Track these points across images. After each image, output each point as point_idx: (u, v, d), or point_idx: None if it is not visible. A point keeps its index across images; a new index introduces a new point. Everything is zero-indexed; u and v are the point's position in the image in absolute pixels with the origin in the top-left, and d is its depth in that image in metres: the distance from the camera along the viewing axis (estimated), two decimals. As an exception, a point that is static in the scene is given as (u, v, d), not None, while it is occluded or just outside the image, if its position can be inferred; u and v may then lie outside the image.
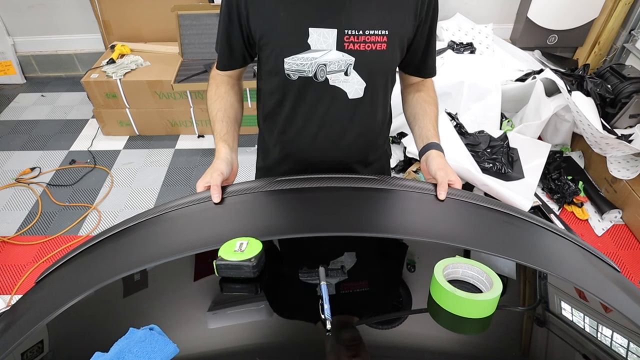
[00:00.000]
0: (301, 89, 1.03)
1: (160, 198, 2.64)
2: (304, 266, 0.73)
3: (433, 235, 0.84)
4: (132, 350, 0.55)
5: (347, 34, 0.95)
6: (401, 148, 2.77)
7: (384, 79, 1.06)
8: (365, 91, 1.04)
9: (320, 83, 1.01)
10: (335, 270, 0.70)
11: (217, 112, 1.09)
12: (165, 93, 2.91)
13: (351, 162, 1.18)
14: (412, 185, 1.00)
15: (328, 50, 0.96)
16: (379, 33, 0.96)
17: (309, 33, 0.95)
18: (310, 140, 1.12)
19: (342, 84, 1.02)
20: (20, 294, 2.10)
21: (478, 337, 0.64)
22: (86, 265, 0.85)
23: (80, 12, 3.45)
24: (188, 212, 0.92)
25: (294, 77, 1.01)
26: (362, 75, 1.01)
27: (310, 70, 0.99)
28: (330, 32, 0.95)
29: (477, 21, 3.40)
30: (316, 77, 1.00)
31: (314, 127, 1.09)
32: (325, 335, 0.59)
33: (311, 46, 0.96)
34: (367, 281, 0.74)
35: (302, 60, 0.98)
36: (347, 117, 1.08)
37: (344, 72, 1.00)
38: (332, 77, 1.00)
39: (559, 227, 0.96)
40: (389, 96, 1.14)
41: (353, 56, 0.98)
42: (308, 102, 1.05)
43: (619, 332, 0.65)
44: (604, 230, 2.41)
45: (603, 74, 2.64)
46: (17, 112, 3.43)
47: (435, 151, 1.07)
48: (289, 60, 0.98)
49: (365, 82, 1.02)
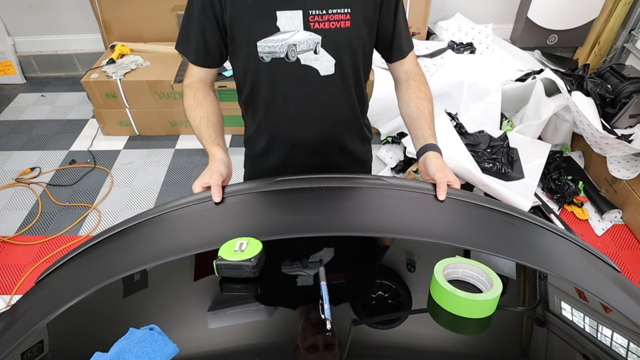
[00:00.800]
0: (275, 70, 1.08)
1: (160, 198, 2.64)
2: (286, 259, 0.74)
3: (433, 235, 0.84)
4: (132, 350, 0.55)
5: (312, 14, 1.01)
6: (401, 148, 2.77)
7: (353, 56, 1.10)
8: (336, 67, 1.09)
9: (292, 63, 1.06)
10: (314, 262, 0.71)
11: (200, 119, 1.11)
12: (165, 93, 2.91)
13: (334, 139, 1.23)
14: (412, 186, 1.00)
15: (296, 31, 1.02)
16: (342, 11, 1.02)
17: (276, 16, 1.01)
18: (291, 120, 1.17)
19: (312, 62, 1.07)
20: (20, 294, 2.10)
21: (478, 337, 0.64)
22: (86, 265, 0.85)
23: (80, 12, 3.45)
24: (188, 212, 0.92)
25: (267, 59, 1.06)
26: (331, 53, 1.07)
27: (282, 51, 1.04)
28: (296, 14, 1.01)
29: (477, 21, 3.40)
30: (287, 57, 1.05)
31: (292, 106, 1.14)
32: (325, 335, 0.59)
33: (280, 28, 1.02)
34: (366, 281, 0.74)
35: (273, 42, 1.04)
36: (322, 94, 1.13)
37: (313, 51, 1.06)
38: (303, 56, 1.06)
39: (559, 227, 0.96)
40: (361, 75, 1.18)
41: (320, 35, 1.04)
42: (283, 82, 1.10)
43: (619, 332, 0.65)
44: (604, 230, 2.41)
45: (603, 74, 2.64)
46: (17, 112, 3.43)
47: (432, 152, 1.07)
48: (261, 43, 1.04)
49: (334, 59, 1.08)
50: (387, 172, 2.73)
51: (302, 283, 0.68)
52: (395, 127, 2.89)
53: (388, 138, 2.90)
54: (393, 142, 2.89)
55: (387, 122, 2.91)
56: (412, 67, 1.21)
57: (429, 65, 2.86)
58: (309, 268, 0.70)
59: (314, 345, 0.59)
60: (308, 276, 0.69)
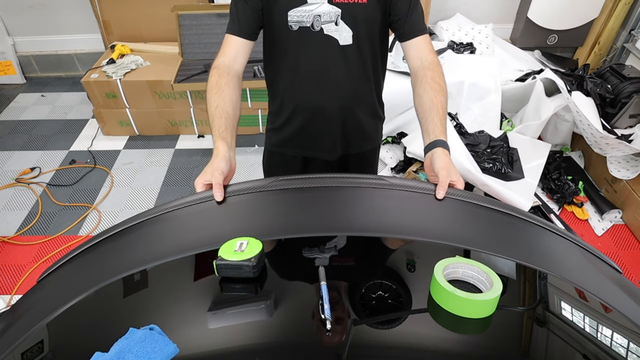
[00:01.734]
0: (301, 38, 1.21)
1: (160, 198, 2.64)
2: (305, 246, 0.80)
3: (433, 235, 0.84)
4: (132, 350, 0.55)
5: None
6: (401, 148, 2.77)
7: (369, 30, 1.23)
8: (353, 39, 1.22)
9: (316, 32, 1.19)
10: (329, 248, 0.79)
11: (216, 107, 1.12)
12: (165, 93, 2.91)
13: (348, 107, 1.35)
14: (412, 186, 1.00)
15: (321, 3, 1.17)
16: None
17: None
18: (312, 87, 1.29)
19: (333, 32, 1.21)
20: (20, 294, 2.10)
21: (478, 337, 0.64)
22: (86, 265, 0.85)
23: (80, 12, 3.45)
24: (188, 212, 0.92)
25: (295, 28, 1.19)
26: (349, 25, 1.20)
27: (308, 20, 1.18)
28: None
29: (477, 21, 3.40)
30: (313, 27, 1.19)
31: (314, 73, 1.27)
32: (325, 335, 0.59)
33: (307, 0, 1.16)
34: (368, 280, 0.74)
35: (301, 12, 1.18)
36: (340, 63, 1.26)
37: (334, 23, 1.19)
38: (326, 27, 1.19)
39: (559, 227, 0.96)
40: (377, 49, 1.30)
41: (340, 8, 1.17)
42: (307, 49, 1.24)
43: (619, 332, 0.65)
44: (604, 230, 2.41)
45: (603, 74, 2.64)
46: (17, 112, 3.43)
47: (441, 149, 1.06)
48: (291, 12, 1.17)
49: (352, 31, 1.21)
50: (387, 172, 2.73)
51: (319, 264, 0.74)
52: (395, 127, 2.89)
53: (388, 138, 2.90)
54: (393, 142, 2.89)
55: (388, 122, 2.90)
56: (427, 53, 1.22)
57: (429, 65, 2.85)
58: (326, 252, 0.78)
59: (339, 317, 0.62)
60: (324, 258, 0.76)
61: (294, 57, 1.26)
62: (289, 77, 1.31)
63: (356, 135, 1.43)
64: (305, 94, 1.31)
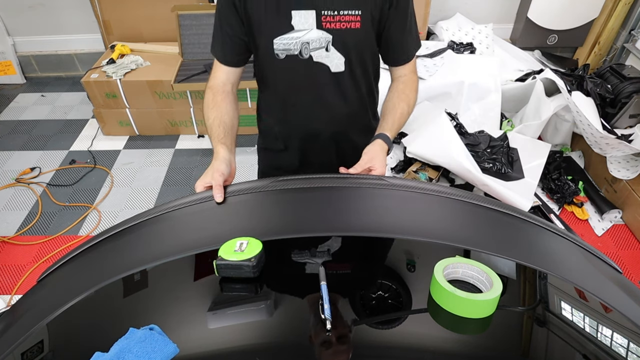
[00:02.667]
0: (289, 66, 1.14)
1: (160, 198, 2.64)
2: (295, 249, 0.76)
3: (433, 235, 0.84)
4: (132, 350, 0.55)
5: (324, 14, 1.07)
6: (401, 148, 2.77)
7: (362, 55, 1.17)
8: (346, 65, 1.16)
9: (305, 60, 1.13)
10: (322, 252, 0.74)
11: (213, 119, 1.15)
12: (165, 93, 2.91)
13: (344, 132, 1.31)
14: (412, 186, 1.00)
15: (309, 30, 1.09)
16: (353, 13, 1.07)
17: (291, 15, 1.07)
18: (306, 113, 1.24)
19: (324, 59, 1.14)
20: (20, 294, 2.10)
21: (478, 337, 0.64)
22: (86, 265, 0.85)
23: (80, 12, 3.45)
24: (188, 212, 0.92)
25: (282, 56, 1.13)
26: (341, 51, 1.13)
27: (296, 48, 1.11)
28: (310, 13, 1.07)
29: (477, 21, 3.40)
30: (301, 54, 1.12)
31: (307, 100, 1.22)
32: (325, 335, 0.59)
33: (294, 27, 1.08)
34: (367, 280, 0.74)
35: (288, 40, 1.10)
36: (333, 89, 1.20)
37: (325, 49, 1.12)
38: (315, 53, 1.13)
39: (559, 227, 0.96)
40: (370, 73, 1.25)
41: (331, 34, 1.10)
42: (297, 78, 1.18)
43: (619, 332, 0.65)
44: (604, 230, 2.41)
45: (603, 74, 2.64)
46: (17, 112, 3.43)
47: (379, 140, 1.15)
48: (277, 40, 1.10)
49: (344, 57, 1.14)
50: (387, 172, 2.73)
51: (310, 270, 0.70)
52: (395, 127, 2.89)
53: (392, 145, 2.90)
54: (393, 142, 2.89)
55: (387, 122, 2.90)
56: (407, 71, 1.25)
57: (429, 65, 2.85)
58: (317, 257, 0.73)
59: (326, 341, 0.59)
60: (316, 264, 0.71)
61: (283, 85, 1.21)
62: (279, 106, 1.26)
63: (352, 154, 1.31)
64: (297, 121, 1.27)
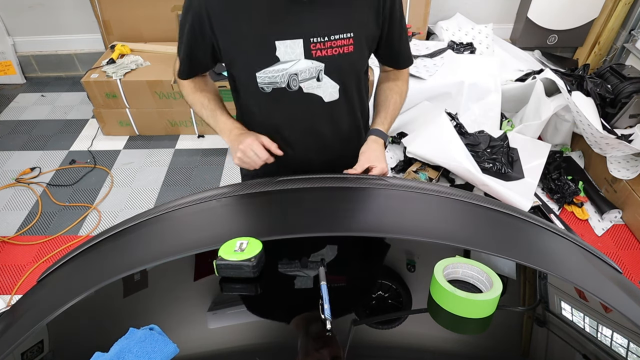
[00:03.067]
0: (277, 100, 1.04)
1: (160, 198, 2.64)
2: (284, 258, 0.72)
3: (433, 235, 0.84)
4: (132, 350, 0.55)
5: (314, 42, 0.96)
6: (401, 148, 2.77)
7: (357, 78, 1.09)
8: (340, 92, 1.06)
9: (294, 92, 1.02)
10: (314, 262, 0.68)
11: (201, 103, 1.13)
12: (165, 93, 2.91)
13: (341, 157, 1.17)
14: (412, 186, 1.00)
15: (297, 60, 0.97)
16: (345, 36, 0.97)
17: (276, 46, 0.95)
18: (295, 147, 1.14)
19: (315, 89, 1.03)
20: (20, 294, 2.10)
21: (478, 337, 0.64)
22: (86, 265, 0.85)
23: (80, 12, 3.45)
24: (188, 212, 0.92)
25: (267, 90, 1.02)
26: (334, 79, 1.03)
27: (283, 81, 1.00)
28: (296, 43, 0.96)
29: (477, 21, 3.40)
30: (289, 87, 1.01)
31: (296, 134, 1.12)
32: (325, 335, 0.59)
33: (280, 58, 0.97)
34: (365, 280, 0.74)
35: (273, 73, 0.98)
36: (327, 120, 1.10)
37: (316, 78, 1.01)
38: (305, 84, 1.02)
39: (559, 227, 0.96)
40: (363, 91, 1.17)
41: (322, 62, 0.99)
42: (285, 111, 1.07)
43: (619, 332, 0.65)
44: (604, 230, 2.41)
45: (603, 74, 2.64)
46: (17, 112, 3.42)
47: (373, 137, 1.12)
48: (261, 74, 0.99)
49: (338, 84, 1.04)
50: (388, 172, 2.73)
51: (301, 285, 0.64)
52: (395, 127, 2.89)
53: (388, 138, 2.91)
54: (393, 142, 2.89)
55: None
56: (400, 75, 1.21)
57: (429, 65, 2.85)
58: (309, 268, 0.65)
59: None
60: (307, 277, 0.65)
61: (270, 118, 1.10)
62: (265, 134, 1.11)
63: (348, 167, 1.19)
64: (287, 153, 1.13)
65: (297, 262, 0.67)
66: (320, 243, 0.81)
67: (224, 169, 2.84)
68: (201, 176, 2.79)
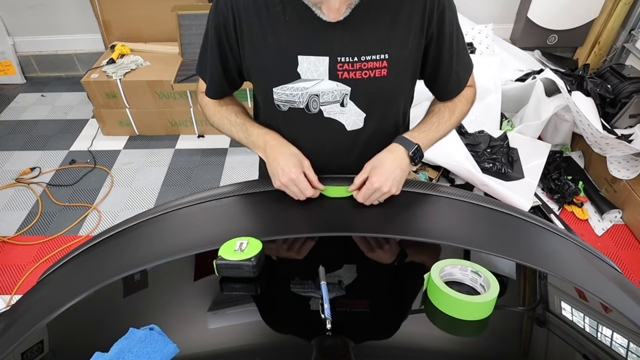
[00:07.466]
0: (294, 120, 0.94)
1: (160, 198, 2.64)
2: (296, 277, 0.70)
3: (433, 235, 0.84)
4: (132, 350, 0.55)
5: (340, 62, 0.85)
6: (401, 148, 2.77)
7: (389, 108, 0.95)
8: (366, 121, 0.94)
9: (313, 115, 0.92)
10: (333, 284, 0.66)
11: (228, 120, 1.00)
12: (165, 93, 2.91)
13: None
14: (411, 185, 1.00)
15: (320, 80, 0.87)
16: (378, 58, 0.85)
17: (298, 61, 0.86)
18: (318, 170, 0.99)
19: (338, 115, 0.92)
20: (20, 294, 2.10)
21: (478, 337, 0.64)
22: (86, 265, 0.85)
23: (80, 12, 3.45)
24: (188, 212, 0.92)
25: (284, 108, 0.93)
26: (361, 106, 0.91)
27: (302, 101, 0.90)
28: (321, 60, 0.85)
29: (477, 21, 3.40)
30: (308, 108, 0.91)
31: (316, 156, 0.97)
32: (325, 335, 0.59)
33: (301, 75, 0.87)
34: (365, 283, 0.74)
35: (291, 91, 0.89)
36: (347, 149, 0.98)
37: (340, 103, 0.90)
38: (327, 108, 0.91)
39: (559, 227, 0.96)
40: (400, 123, 1.02)
41: (348, 85, 0.88)
42: (303, 134, 0.97)
43: (619, 332, 0.65)
44: (604, 230, 2.41)
45: (603, 74, 2.64)
46: (17, 112, 3.42)
47: (393, 144, 0.94)
48: (278, 90, 0.90)
49: (365, 113, 0.92)
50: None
51: (315, 307, 0.62)
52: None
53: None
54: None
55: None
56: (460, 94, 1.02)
57: (429, 65, 2.85)
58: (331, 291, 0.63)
59: None
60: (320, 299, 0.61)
61: (287, 137, 0.98)
62: None
63: None
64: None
65: (311, 282, 0.65)
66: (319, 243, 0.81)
67: (224, 169, 2.84)
68: (201, 176, 2.79)
